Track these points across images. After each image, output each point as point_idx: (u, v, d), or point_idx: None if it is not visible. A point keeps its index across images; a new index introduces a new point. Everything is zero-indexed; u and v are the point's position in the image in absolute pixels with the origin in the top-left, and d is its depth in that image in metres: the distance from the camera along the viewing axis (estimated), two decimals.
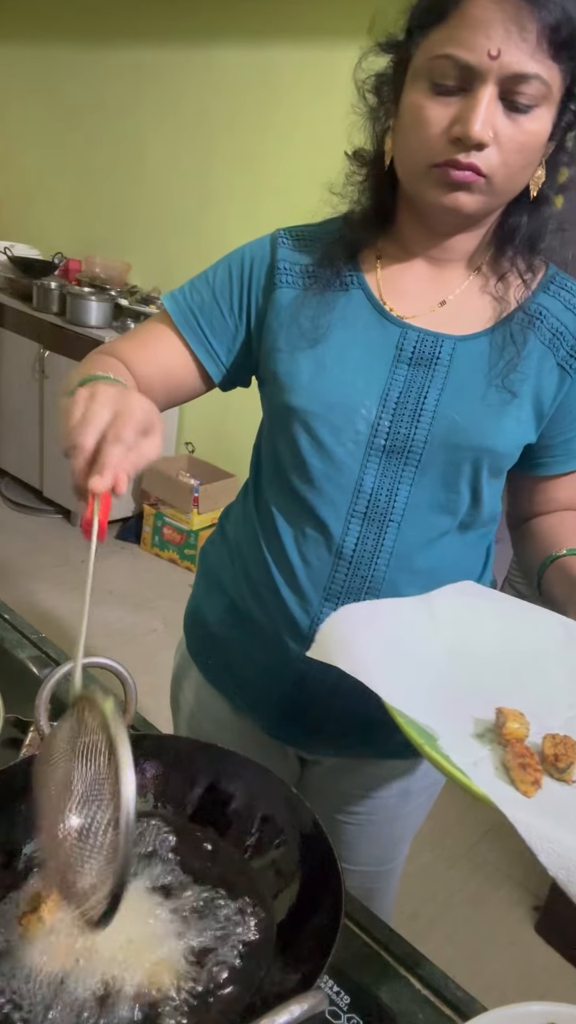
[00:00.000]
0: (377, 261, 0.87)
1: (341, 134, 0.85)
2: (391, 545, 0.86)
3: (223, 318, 0.90)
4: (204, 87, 3.10)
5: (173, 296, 0.92)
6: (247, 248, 0.91)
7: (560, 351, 0.84)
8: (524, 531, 1.00)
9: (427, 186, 0.76)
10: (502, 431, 0.83)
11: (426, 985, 0.69)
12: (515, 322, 0.84)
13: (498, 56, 0.68)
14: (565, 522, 0.95)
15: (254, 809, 0.73)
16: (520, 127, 0.71)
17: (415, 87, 0.74)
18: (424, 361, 0.83)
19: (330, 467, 0.85)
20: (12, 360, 3.54)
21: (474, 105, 0.70)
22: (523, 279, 0.85)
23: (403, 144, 0.77)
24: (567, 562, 0.87)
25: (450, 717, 0.65)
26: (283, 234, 0.90)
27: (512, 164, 0.73)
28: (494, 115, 0.70)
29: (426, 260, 0.86)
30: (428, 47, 0.72)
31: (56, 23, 3.61)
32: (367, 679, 0.62)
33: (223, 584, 0.99)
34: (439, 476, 0.85)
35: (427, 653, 0.72)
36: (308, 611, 0.89)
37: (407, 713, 0.62)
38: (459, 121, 0.71)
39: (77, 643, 0.59)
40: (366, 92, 0.82)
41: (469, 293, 0.86)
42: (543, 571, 0.90)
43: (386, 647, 0.69)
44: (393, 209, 0.86)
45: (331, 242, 0.87)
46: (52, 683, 0.74)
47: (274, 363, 0.86)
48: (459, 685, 0.70)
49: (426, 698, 0.66)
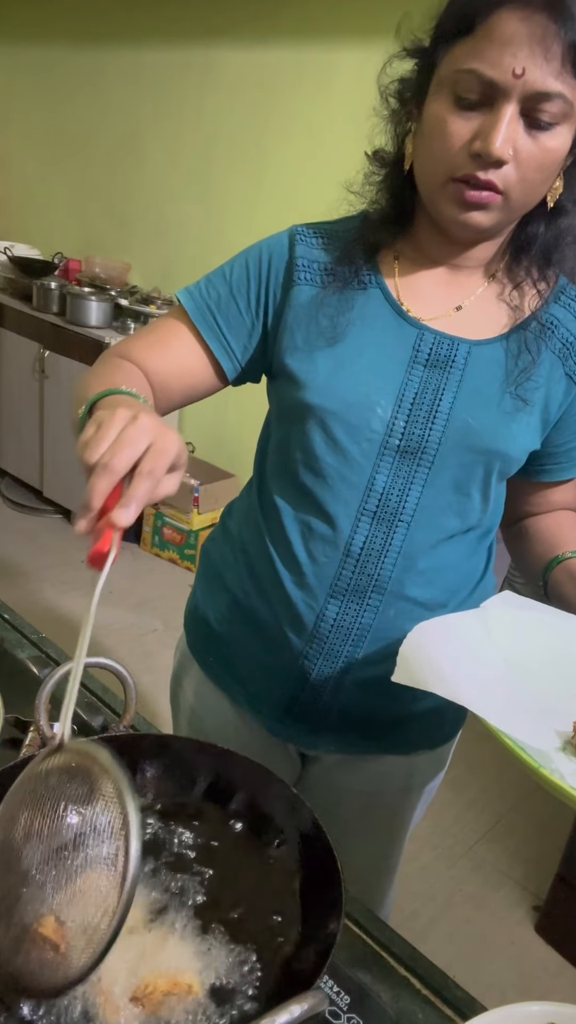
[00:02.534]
0: (395, 262, 0.87)
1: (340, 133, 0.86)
2: (399, 545, 0.86)
3: (240, 315, 0.90)
4: (204, 87, 3.10)
5: (189, 292, 0.91)
6: (265, 244, 0.90)
7: (569, 361, 0.86)
8: (519, 530, 1.01)
9: (444, 200, 0.77)
10: (513, 436, 0.85)
11: (426, 985, 0.69)
12: (530, 331, 0.85)
13: (522, 75, 0.68)
14: (563, 523, 0.97)
15: (254, 808, 0.73)
16: (540, 144, 0.72)
17: (438, 97, 0.74)
18: (440, 363, 0.84)
19: (343, 465, 0.85)
20: (12, 360, 3.54)
21: (496, 122, 0.70)
22: (537, 289, 0.86)
23: (423, 153, 0.78)
24: (575, 565, 0.89)
25: (535, 733, 0.65)
26: (301, 230, 0.90)
27: (530, 180, 0.74)
28: (515, 132, 0.71)
29: (443, 265, 0.86)
30: (453, 59, 0.72)
31: (56, 24, 3.61)
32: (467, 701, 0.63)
33: (225, 581, 0.99)
34: (451, 479, 0.85)
35: (493, 668, 0.74)
36: (313, 608, 0.89)
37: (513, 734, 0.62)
38: (480, 137, 0.71)
39: (72, 684, 0.56)
40: (389, 96, 0.82)
41: (485, 299, 0.87)
42: (548, 572, 0.92)
43: (466, 665, 0.71)
44: (412, 212, 0.86)
45: (350, 241, 0.87)
46: (52, 683, 0.74)
47: (291, 360, 0.86)
48: (527, 699, 0.71)
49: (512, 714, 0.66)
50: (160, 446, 0.57)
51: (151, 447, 0.57)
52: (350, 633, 0.89)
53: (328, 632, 0.89)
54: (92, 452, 0.57)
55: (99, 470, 0.56)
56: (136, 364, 0.89)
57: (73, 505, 3.46)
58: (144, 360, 0.89)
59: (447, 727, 1.04)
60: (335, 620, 0.89)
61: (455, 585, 0.93)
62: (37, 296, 3.34)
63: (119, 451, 0.56)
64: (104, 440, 0.57)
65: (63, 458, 3.42)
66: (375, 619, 0.89)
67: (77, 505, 2.63)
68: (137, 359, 0.89)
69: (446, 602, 0.92)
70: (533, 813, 2.28)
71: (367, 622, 0.89)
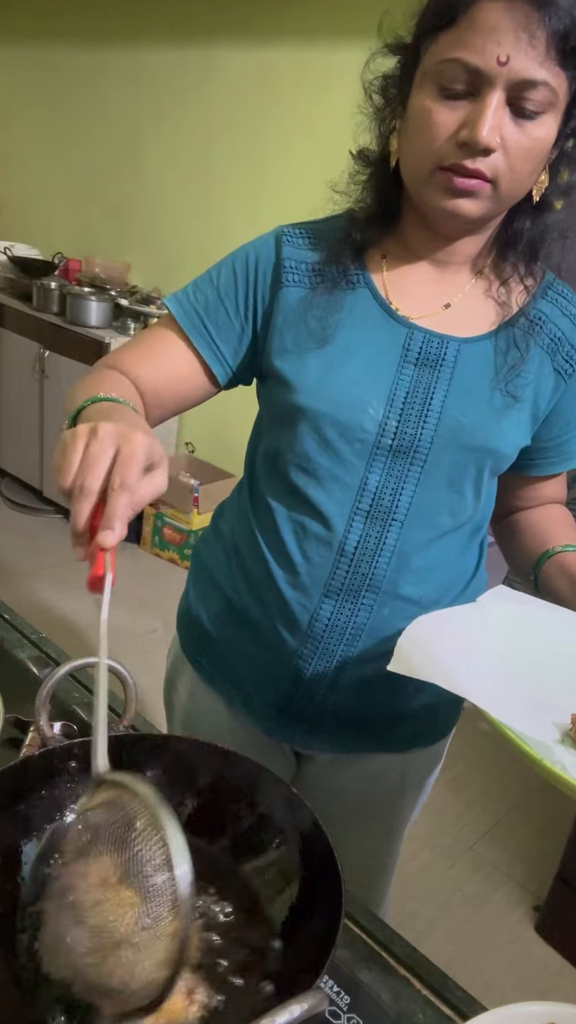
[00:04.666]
0: (383, 261, 0.87)
1: (340, 134, 0.86)
2: (393, 544, 0.86)
3: (229, 319, 0.89)
4: (204, 87, 3.10)
5: (176, 298, 0.91)
6: (251, 247, 0.90)
7: (557, 356, 0.86)
8: (508, 525, 1.02)
9: (431, 190, 0.77)
10: (504, 433, 0.85)
11: (426, 985, 0.69)
12: (518, 327, 0.85)
13: (507, 62, 0.68)
14: (552, 517, 0.98)
15: (254, 808, 0.73)
16: (527, 133, 0.72)
17: (423, 90, 0.74)
18: (430, 362, 0.84)
19: (336, 465, 0.85)
20: (12, 360, 3.54)
21: (482, 110, 0.70)
22: (524, 284, 0.86)
23: (409, 147, 0.77)
24: (566, 559, 0.89)
25: (535, 725, 0.66)
26: (287, 231, 0.89)
27: (518, 170, 0.73)
28: (501, 121, 0.71)
29: (430, 262, 0.86)
30: (437, 50, 0.72)
31: (57, 24, 3.61)
32: (466, 692, 0.63)
33: (218, 581, 0.99)
34: (444, 477, 0.85)
35: (493, 661, 0.74)
36: (307, 607, 0.89)
37: (514, 726, 0.62)
38: (467, 126, 0.71)
39: (96, 708, 0.56)
40: (373, 93, 0.81)
41: (473, 296, 0.86)
42: (540, 566, 0.92)
43: (464, 658, 0.71)
44: (398, 210, 0.86)
45: (338, 240, 0.87)
46: (52, 683, 0.74)
47: (281, 363, 0.86)
48: (524, 693, 0.71)
49: (514, 707, 0.67)
50: (126, 452, 0.57)
51: (117, 456, 0.57)
52: (344, 632, 0.89)
53: (322, 632, 0.89)
54: (64, 478, 0.58)
55: (75, 494, 0.57)
56: (126, 374, 0.89)
57: None
58: (133, 369, 0.89)
59: (442, 724, 1.04)
60: (329, 620, 0.89)
61: (448, 582, 0.93)
62: (37, 296, 3.34)
63: (87, 472, 0.56)
64: (72, 463, 0.57)
65: None
66: (369, 618, 0.89)
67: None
68: (126, 369, 0.89)
69: (439, 599, 0.92)
70: (533, 813, 2.28)
71: (361, 621, 0.89)
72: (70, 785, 0.70)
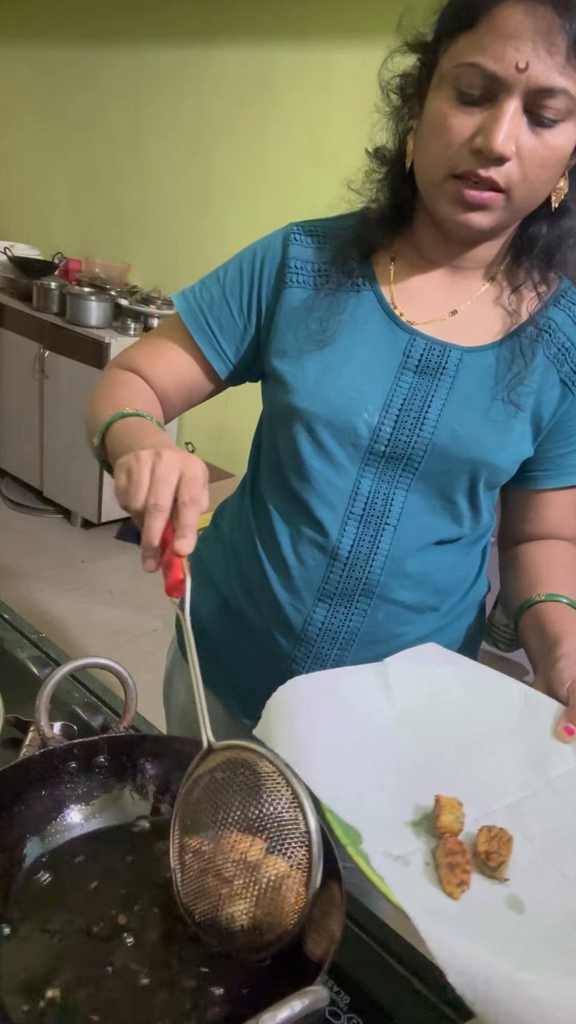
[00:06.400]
0: (391, 263, 0.86)
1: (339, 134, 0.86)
2: (387, 548, 0.86)
3: (232, 318, 0.89)
4: (204, 87, 3.10)
5: (183, 295, 0.92)
6: (259, 245, 0.90)
7: (565, 367, 0.84)
8: (512, 557, 0.98)
9: (443, 199, 0.75)
10: (502, 446, 0.83)
11: (426, 985, 0.69)
12: (525, 336, 0.83)
13: (526, 69, 0.66)
14: (553, 557, 0.93)
15: None
16: (544, 142, 0.70)
17: (440, 93, 0.72)
18: (430, 370, 0.82)
19: (329, 469, 0.85)
20: (12, 360, 3.54)
21: (498, 117, 0.68)
22: (537, 292, 0.84)
23: (424, 150, 0.76)
24: (543, 609, 0.85)
25: (390, 803, 0.61)
26: (296, 230, 0.89)
27: (533, 179, 0.72)
28: (518, 128, 0.69)
29: (442, 267, 0.85)
30: (455, 53, 0.70)
31: (56, 23, 3.61)
32: (304, 771, 0.58)
33: (215, 581, 0.99)
34: (436, 485, 0.84)
35: (378, 728, 0.68)
36: (301, 611, 0.89)
37: (334, 807, 0.57)
38: (482, 132, 0.70)
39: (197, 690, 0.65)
40: (390, 92, 0.80)
41: (482, 304, 0.85)
42: (520, 614, 0.88)
43: (334, 725, 0.66)
44: (411, 211, 0.84)
45: (345, 241, 0.86)
46: (52, 683, 0.74)
47: (280, 363, 0.86)
48: (407, 764, 0.66)
49: (371, 781, 0.62)
50: (190, 474, 0.63)
51: (182, 477, 0.63)
52: (338, 637, 0.89)
53: (316, 635, 0.89)
54: (136, 498, 0.63)
55: (149, 512, 0.62)
56: (139, 374, 0.90)
57: (73, 505, 3.46)
58: (145, 368, 0.90)
59: None
60: (323, 623, 0.89)
61: (446, 588, 0.92)
62: (37, 296, 3.34)
63: (159, 491, 0.62)
64: (141, 485, 0.63)
65: (63, 458, 3.42)
66: (363, 623, 0.88)
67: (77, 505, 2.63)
68: (139, 368, 0.90)
69: (437, 605, 0.91)
70: None
71: (355, 626, 0.88)
72: (70, 785, 0.70)
